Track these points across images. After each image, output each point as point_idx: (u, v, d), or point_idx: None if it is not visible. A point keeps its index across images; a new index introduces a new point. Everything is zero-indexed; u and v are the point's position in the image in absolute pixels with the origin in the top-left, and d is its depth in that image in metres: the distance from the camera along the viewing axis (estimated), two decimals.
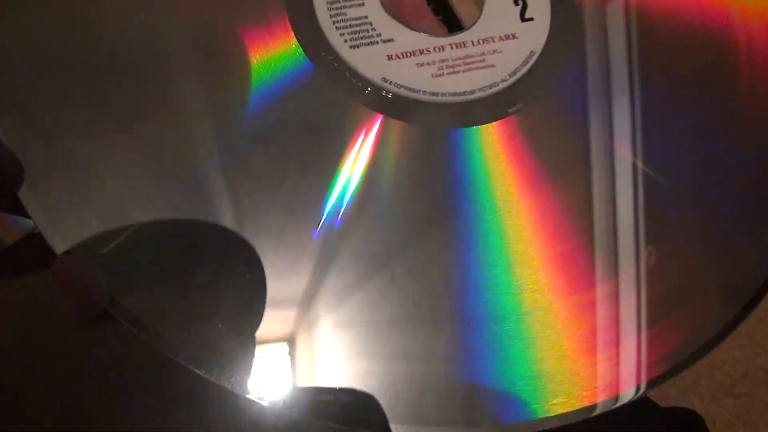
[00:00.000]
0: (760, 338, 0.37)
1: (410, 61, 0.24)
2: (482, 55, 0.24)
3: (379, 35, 0.25)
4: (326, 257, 0.22)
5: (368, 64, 0.24)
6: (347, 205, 0.22)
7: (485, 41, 0.25)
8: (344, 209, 0.22)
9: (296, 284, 0.21)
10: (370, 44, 0.24)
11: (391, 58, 0.24)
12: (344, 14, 0.25)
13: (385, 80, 0.24)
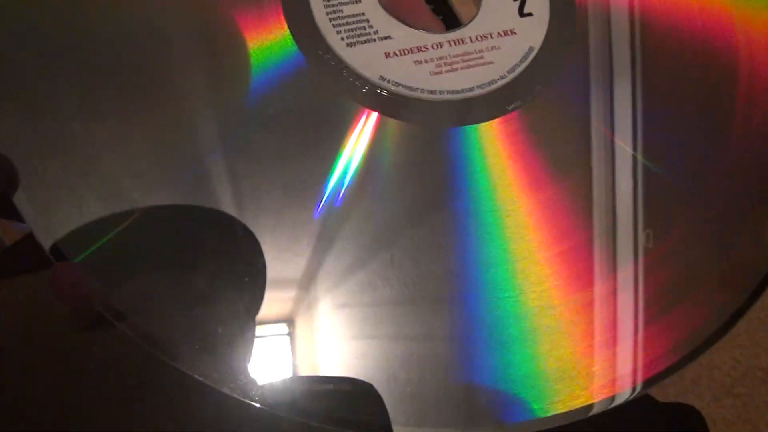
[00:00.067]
0: (760, 338, 0.36)
1: (408, 58, 0.24)
2: (480, 51, 0.24)
3: (376, 32, 0.24)
4: (327, 239, 0.21)
5: (365, 62, 0.24)
6: (348, 185, 0.22)
7: (483, 37, 0.24)
8: (345, 189, 0.22)
9: (296, 265, 0.21)
10: (367, 42, 0.24)
11: (388, 55, 0.24)
12: (341, 11, 0.24)
13: (382, 78, 0.24)
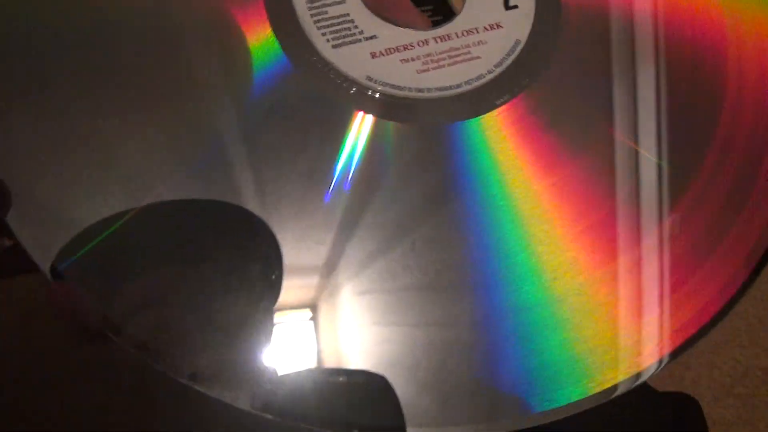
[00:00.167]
0: (760, 338, 0.36)
1: (394, 57, 0.24)
2: (467, 47, 0.24)
3: (361, 33, 0.24)
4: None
5: (352, 63, 0.24)
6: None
7: (469, 32, 0.24)
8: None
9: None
10: (352, 42, 0.24)
11: (374, 55, 0.24)
12: (325, 12, 0.24)
13: (369, 79, 0.24)
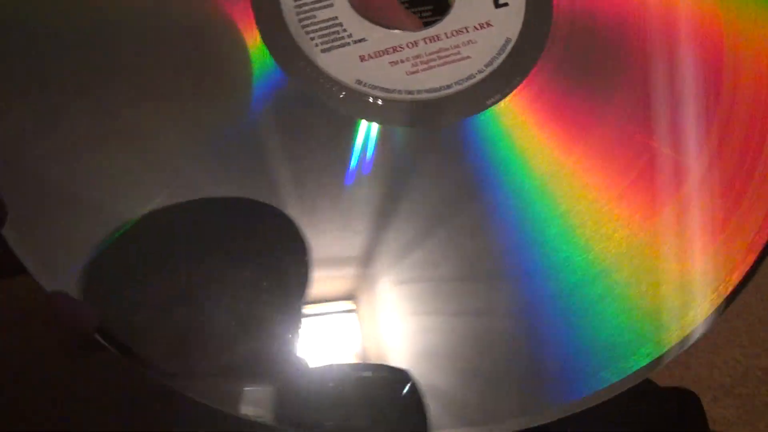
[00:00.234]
0: (760, 338, 0.36)
1: (384, 59, 0.24)
2: (457, 47, 0.24)
3: (350, 36, 0.24)
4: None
5: (341, 67, 0.24)
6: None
7: (459, 32, 0.24)
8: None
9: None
10: (341, 46, 0.24)
11: (363, 58, 0.24)
12: (314, 17, 0.24)
13: (359, 82, 0.23)
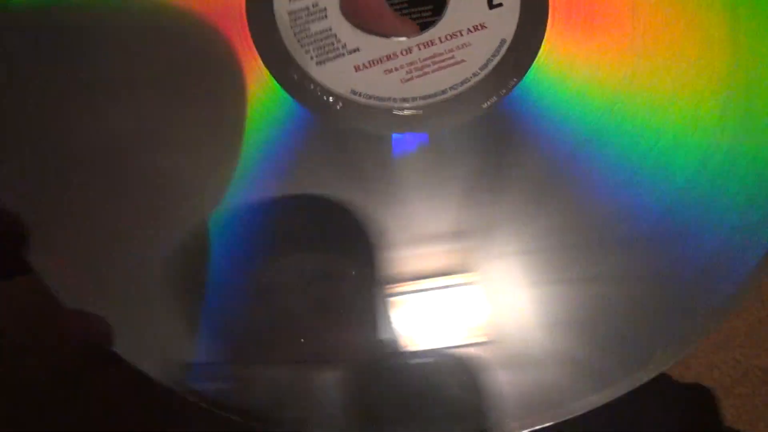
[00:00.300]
0: (760, 338, 0.34)
1: (378, 68, 0.23)
2: (451, 51, 0.23)
3: (344, 46, 0.24)
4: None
5: (336, 78, 0.23)
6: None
7: (453, 36, 0.23)
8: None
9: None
10: (336, 57, 0.24)
11: (358, 68, 0.23)
12: (308, 29, 0.24)
13: (354, 92, 0.23)
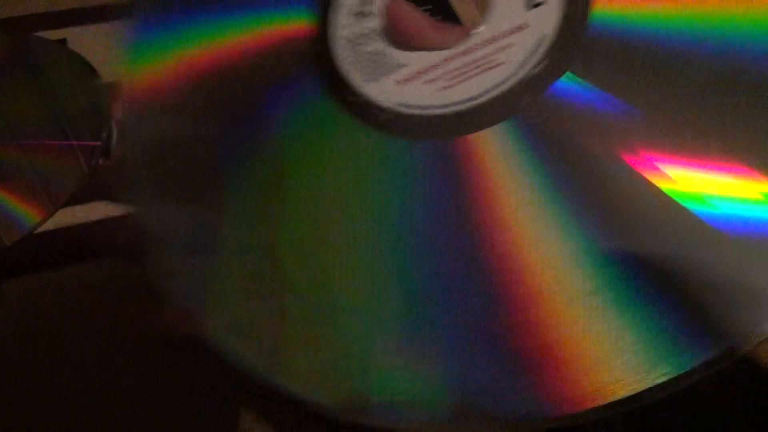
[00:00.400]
0: None
1: (420, 79, 0.23)
2: (491, 54, 0.23)
3: (391, 62, 0.25)
4: None
5: (383, 93, 0.24)
6: None
7: (494, 39, 0.23)
8: None
9: None
10: (383, 74, 0.25)
11: (403, 82, 0.24)
12: (360, 50, 0.26)
13: (399, 105, 0.24)
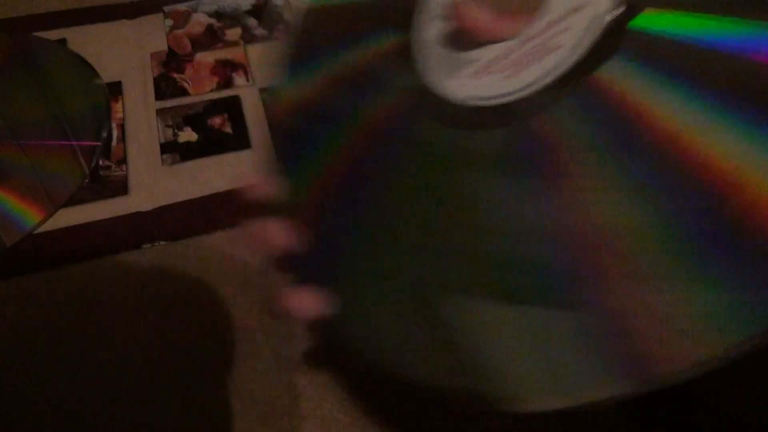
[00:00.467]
0: None
1: (486, 71, 0.25)
2: (551, 38, 0.24)
3: (464, 60, 0.26)
4: None
5: (455, 89, 0.25)
6: None
7: (553, 23, 0.24)
8: None
9: None
10: (456, 70, 0.26)
11: (473, 76, 0.25)
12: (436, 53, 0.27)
13: (468, 99, 0.25)
